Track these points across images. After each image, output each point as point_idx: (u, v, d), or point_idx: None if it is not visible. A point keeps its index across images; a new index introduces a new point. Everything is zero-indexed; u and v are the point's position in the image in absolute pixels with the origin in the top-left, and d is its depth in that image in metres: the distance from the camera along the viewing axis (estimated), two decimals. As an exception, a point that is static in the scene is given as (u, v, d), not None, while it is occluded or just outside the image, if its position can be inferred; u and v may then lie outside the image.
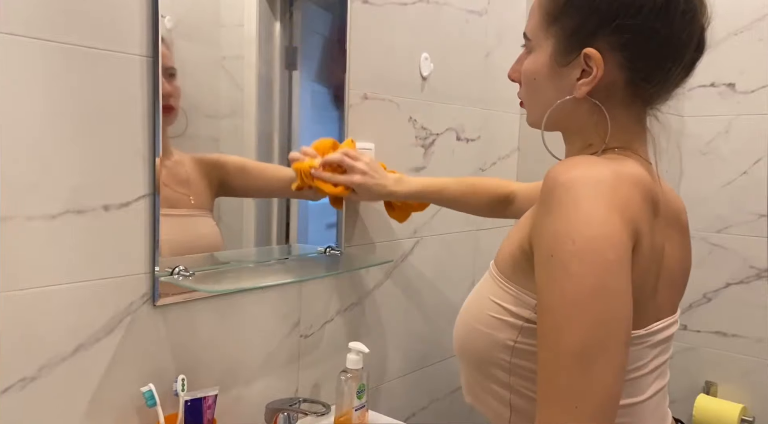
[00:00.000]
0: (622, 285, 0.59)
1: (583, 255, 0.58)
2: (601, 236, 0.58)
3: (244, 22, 1.11)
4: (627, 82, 0.70)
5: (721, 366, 1.87)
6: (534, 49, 0.75)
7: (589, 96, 0.70)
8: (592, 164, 0.64)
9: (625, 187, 0.63)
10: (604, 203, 0.60)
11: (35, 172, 0.84)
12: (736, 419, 1.76)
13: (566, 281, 0.59)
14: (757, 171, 1.78)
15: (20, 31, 0.81)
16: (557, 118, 0.75)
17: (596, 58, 0.68)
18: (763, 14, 1.74)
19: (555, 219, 0.61)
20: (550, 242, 0.61)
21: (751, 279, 1.82)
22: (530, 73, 0.76)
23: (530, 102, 0.78)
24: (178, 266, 1.00)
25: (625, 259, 0.59)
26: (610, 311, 0.58)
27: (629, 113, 0.72)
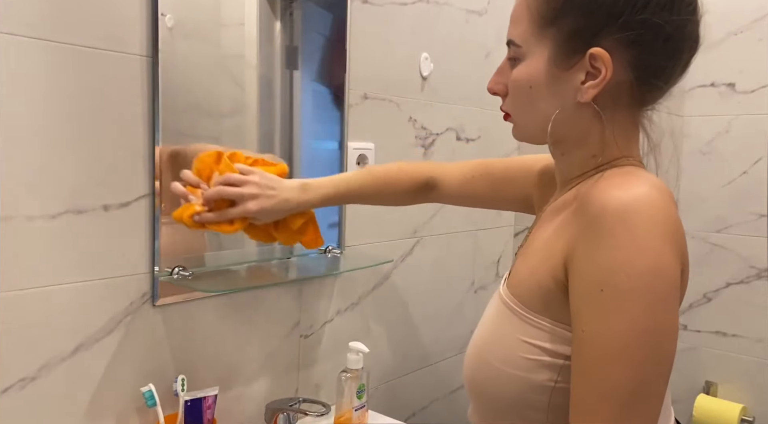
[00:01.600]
0: (673, 321, 0.58)
1: (638, 292, 0.57)
2: (656, 271, 0.57)
3: (245, 22, 1.11)
4: (634, 82, 0.66)
5: (721, 366, 1.87)
6: (525, 56, 0.70)
7: (593, 100, 0.66)
8: (638, 185, 0.61)
9: (672, 207, 0.60)
10: (658, 233, 0.58)
11: (35, 172, 0.84)
12: (736, 419, 1.76)
13: (619, 318, 0.57)
14: (757, 171, 1.78)
15: (20, 31, 0.81)
16: (559, 129, 0.70)
17: (604, 58, 0.64)
18: (763, 14, 1.74)
19: (607, 251, 0.58)
20: (602, 275, 0.58)
21: (751, 279, 1.82)
22: (524, 82, 0.70)
23: (523, 113, 0.73)
24: (178, 265, 1.00)
25: (676, 291, 0.59)
26: (662, 350, 0.58)
27: (630, 115, 0.69)
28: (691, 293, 1.91)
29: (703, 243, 1.88)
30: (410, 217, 1.49)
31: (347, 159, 1.30)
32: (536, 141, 0.74)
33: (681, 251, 0.60)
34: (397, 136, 1.43)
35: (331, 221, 1.31)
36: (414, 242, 1.51)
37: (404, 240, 1.49)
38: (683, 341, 1.93)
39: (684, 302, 2.12)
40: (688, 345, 1.92)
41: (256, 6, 1.12)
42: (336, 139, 1.29)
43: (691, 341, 1.92)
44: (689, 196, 1.90)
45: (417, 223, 1.52)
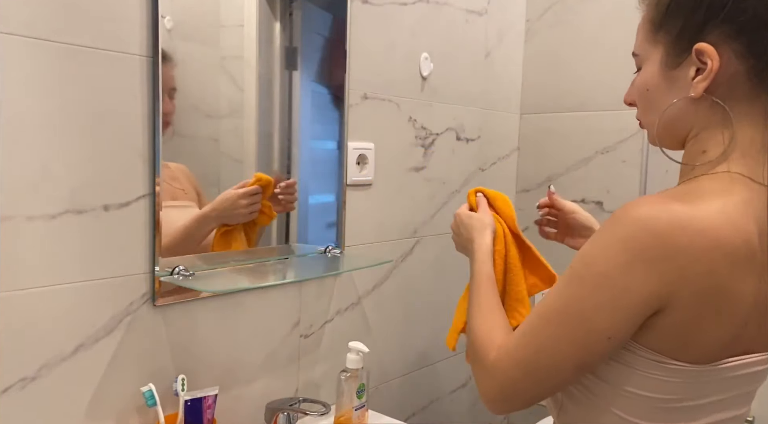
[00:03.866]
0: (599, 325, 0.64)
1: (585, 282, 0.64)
2: (607, 276, 0.62)
3: (244, 23, 1.11)
4: (750, 71, 0.65)
5: (721, 366, 1.87)
6: (643, 63, 0.72)
7: (706, 93, 0.66)
8: (660, 206, 0.62)
9: (683, 237, 0.60)
10: (635, 252, 0.61)
11: (35, 172, 0.84)
12: (736, 419, 1.76)
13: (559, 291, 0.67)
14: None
15: (20, 31, 0.81)
16: (673, 125, 0.71)
17: (709, 51, 0.64)
18: None
19: (592, 242, 0.65)
20: (576, 258, 0.66)
21: (751, 279, 1.81)
22: (642, 86, 0.73)
23: (646, 116, 0.74)
24: (178, 265, 1.00)
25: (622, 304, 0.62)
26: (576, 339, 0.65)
27: (752, 117, 0.67)
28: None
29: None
30: (410, 217, 1.49)
31: (347, 159, 1.31)
32: (666, 144, 0.74)
33: (663, 281, 0.61)
34: (397, 136, 1.43)
35: (330, 221, 1.31)
36: (414, 242, 1.51)
37: (404, 240, 1.49)
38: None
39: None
40: (688, 345, 1.92)
41: (256, 7, 1.12)
42: (336, 139, 1.29)
43: (691, 341, 1.92)
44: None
45: (417, 223, 1.52)
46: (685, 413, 0.67)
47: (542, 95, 1.81)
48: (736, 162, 0.67)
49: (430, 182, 1.54)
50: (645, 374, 0.66)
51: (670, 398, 0.66)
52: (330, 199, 1.31)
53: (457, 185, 1.63)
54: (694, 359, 0.65)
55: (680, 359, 0.64)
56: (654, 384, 0.66)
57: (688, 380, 0.65)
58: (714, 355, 0.66)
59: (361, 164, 1.34)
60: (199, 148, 1.07)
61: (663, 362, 0.65)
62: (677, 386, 0.65)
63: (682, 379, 0.65)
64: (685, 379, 0.65)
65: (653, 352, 0.65)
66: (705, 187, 0.66)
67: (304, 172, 1.22)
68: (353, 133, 1.31)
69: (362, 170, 1.35)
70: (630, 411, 0.67)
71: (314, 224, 1.28)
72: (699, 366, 0.65)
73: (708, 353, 0.65)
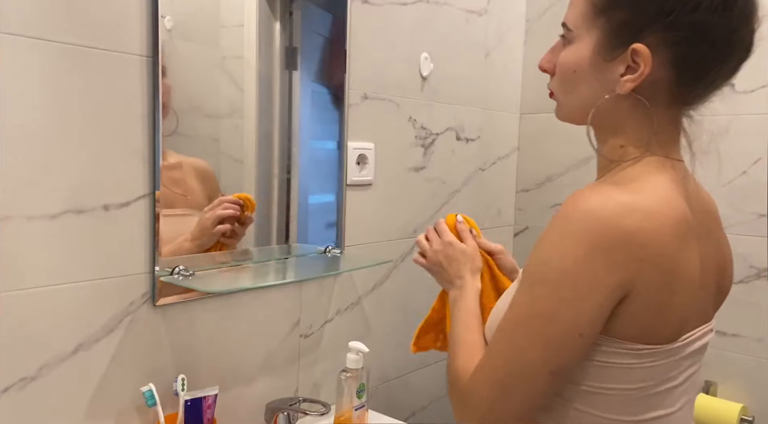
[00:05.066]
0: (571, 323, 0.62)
1: (546, 283, 0.63)
2: (567, 273, 0.62)
3: (244, 23, 1.11)
4: (673, 81, 0.67)
5: (721, 366, 1.87)
6: (574, 40, 0.71)
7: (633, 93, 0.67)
8: (603, 195, 0.63)
9: (631, 221, 0.61)
10: (588, 243, 0.61)
11: (35, 172, 0.84)
12: (736, 419, 1.76)
13: (523, 298, 0.66)
14: (757, 171, 1.78)
15: (20, 31, 0.81)
16: (595, 114, 0.72)
17: (645, 55, 0.65)
18: (762, 14, 1.74)
19: (542, 242, 0.65)
20: (530, 261, 0.66)
21: (751, 279, 1.82)
22: (569, 66, 0.72)
23: (565, 95, 0.75)
24: (178, 265, 1.00)
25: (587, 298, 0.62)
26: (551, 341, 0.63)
27: (668, 114, 0.70)
28: (690, 292, 1.91)
29: (703, 243, 1.88)
30: (410, 217, 1.50)
31: (347, 159, 1.31)
32: (575, 122, 0.76)
33: (633, 263, 0.61)
34: (397, 136, 1.43)
35: (330, 220, 1.31)
36: (414, 242, 1.51)
37: (404, 240, 1.49)
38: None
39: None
40: (688, 345, 1.92)
41: (256, 7, 1.12)
42: (335, 139, 1.29)
43: (690, 341, 1.92)
44: (689, 196, 1.90)
45: (417, 223, 1.52)
46: (661, 398, 0.68)
47: (542, 95, 1.79)
48: (656, 147, 0.70)
49: (430, 182, 1.54)
50: (619, 365, 0.65)
51: (647, 385, 0.66)
52: (330, 199, 1.31)
53: (457, 185, 1.63)
54: (662, 339, 0.66)
55: (650, 341, 0.65)
56: (630, 374, 0.66)
57: (661, 362, 0.66)
58: (677, 332, 0.67)
59: (361, 164, 1.34)
60: (199, 148, 1.07)
61: (635, 349, 0.65)
62: (651, 371, 0.66)
63: (654, 361, 0.66)
64: (658, 360, 0.66)
65: (623, 341, 0.65)
66: (635, 173, 0.68)
67: (304, 172, 1.22)
68: (353, 133, 1.31)
69: (362, 170, 1.35)
70: (609, 408, 0.67)
71: (314, 224, 1.28)
72: (667, 345, 0.66)
73: (673, 331, 0.66)
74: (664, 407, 0.68)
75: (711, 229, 0.75)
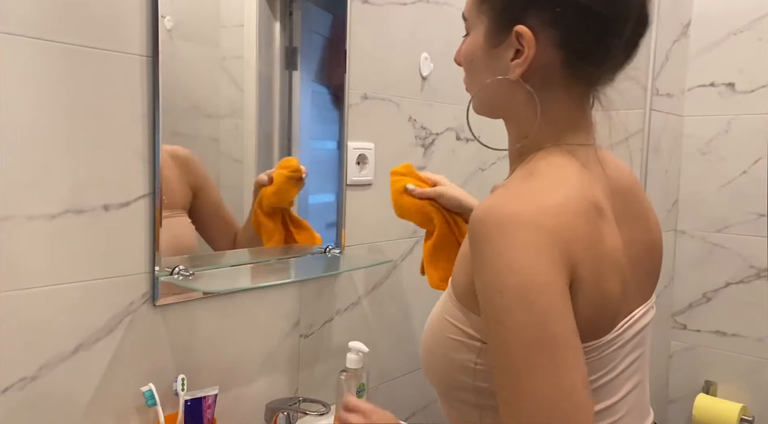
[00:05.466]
0: (559, 329, 0.57)
1: (515, 308, 0.57)
2: (528, 286, 0.57)
3: (244, 23, 1.11)
4: (564, 61, 0.65)
5: (720, 366, 1.87)
6: (470, 29, 0.71)
7: (523, 79, 0.65)
8: (511, 200, 0.61)
9: (551, 218, 0.58)
10: (525, 247, 0.57)
11: (35, 172, 0.84)
12: (736, 419, 1.76)
13: (505, 334, 0.58)
14: (757, 171, 1.78)
15: (20, 31, 0.81)
16: (495, 103, 0.72)
17: (527, 37, 0.63)
18: (762, 14, 1.74)
19: (482, 271, 0.60)
20: (484, 292, 0.60)
21: (751, 279, 1.82)
22: (467, 56, 0.72)
23: (469, 85, 0.74)
24: (178, 265, 1.00)
25: (557, 300, 0.57)
26: (556, 360, 0.57)
27: (570, 96, 0.68)
28: (691, 292, 1.91)
29: (703, 243, 1.88)
30: (410, 217, 1.49)
31: (347, 159, 1.31)
32: (485, 114, 0.76)
33: (568, 257, 0.58)
34: (397, 136, 1.43)
35: (330, 220, 1.31)
36: (414, 241, 1.51)
37: (404, 240, 1.49)
38: (683, 341, 1.93)
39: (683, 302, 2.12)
40: (688, 345, 1.92)
41: (256, 7, 1.12)
42: (336, 139, 1.29)
43: (690, 341, 1.92)
44: (689, 196, 1.90)
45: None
46: (602, 391, 0.66)
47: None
48: (558, 139, 0.68)
49: (430, 182, 1.54)
50: None
51: (591, 380, 0.63)
52: (330, 199, 1.31)
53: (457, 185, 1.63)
54: (599, 332, 0.64)
55: (589, 338, 0.62)
56: None
57: (601, 355, 0.64)
58: (611, 322, 0.65)
59: (361, 164, 1.34)
60: (199, 148, 1.07)
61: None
62: (591, 367, 0.63)
63: (593, 357, 0.63)
64: (595, 357, 0.64)
65: None
66: (540, 167, 0.66)
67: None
68: (353, 133, 1.31)
69: (362, 170, 1.35)
70: None
71: (314, 224, 1.28)
72: (603, 338, 0.64)
73: (607, 322, 0.64)
74: (605, 399, 0.66)
75: (633, 209, 0.72)
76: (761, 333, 1.79)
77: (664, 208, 1.83)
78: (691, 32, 1.83)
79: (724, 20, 1.79)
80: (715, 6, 1.80)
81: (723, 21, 1.79)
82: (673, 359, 1.94)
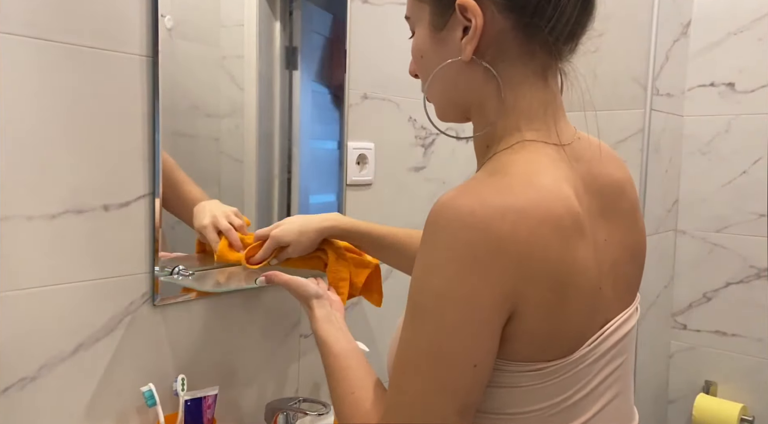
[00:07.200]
0: (459, 350, 0.55)
1: (425, 310, 0.56)
2: (443, 295, 0.55)
3: (244, 22, 1.11)
4: (515, 26, 0.60)
5: (720, 366, 1.87)
6: (414, 27, 0.68)
7: (478, 56, 0.61)
8: (469, 196, 0.56)
9: (508, 223, 0.53)
10: (462, 252, 0.54)
11: (35, 172, 0.84)
12: (736, 419, 1.76)
13: (409, 331, 0.58)
14: (757, 171, 1.78)
15: (20, 31, 0.81)
16: (456, 97, 0.67)
17: (470, 6, 0.59)
18: (762, 14, 1.74)
19: (418, 260, 0.57)
20: (411, 283, 0.58)
21: (751, 279, 1.82)
22: (417, 53, 0.67)
23: (427, 89, 0.70)
24: (178, 265, 1.00)
25: (474, 318, 0.54)
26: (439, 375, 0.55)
27: (534, 71, 0.62)
28: (691, 292, 1.91)
29: (703, 243, 1.88)
30: (410, 217, 1.49)
31: (347, 159, 1.30)
32: (451, 118, 0.71)
33: (515, 273, 0.54)
34: (397, 135, 1.43)
35: (331, 220, 1.31)
36: (414, 241, 1.51)
37: (404, 240, 1.49)
38: (683, 341, 1.93)
39: (683, 302, 2.12)
40: (688, 345, 1.92)
41: (256, 6, 1.12)
42: (336, 139, 1.29)
43: (690, 341, 1.92)
44: (689, 196, 1.90)
45: (417, 223, 1.52)
46: (576, 408, 0.61)
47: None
48: (526, 129, 0.63)
49: (430, 182, 1.54)
50: (524, 388, 0.59)
51: (559, 400, 0.60)
52: (330, 199, 1.31)
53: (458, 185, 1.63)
54: (565, 350, 0.59)
55: (553, 357, 0.58)
56: (537, 395, 0.59)
57: (567, 374, 0.60)
58: (581, 337, 0.60)
59: (361, 164, 1.34)
60: (199, 148, 1.07)
61: (535, 369, 0.58)
62: (560, 386, 0.60)
63: (559, 376, 0.59)
64: (563, 374, 0.59)
65: (522, 362, 0.58)
66: (506, 164, 0.61)
67: (304, 172, 1.22)
68: (353, 133, 1.31)
69: (362, 170, 1.35)
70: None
71: (314, 224, 1.27)
72: (571, 356, 0.59)
73: (575, 338, 0.60)
74: (580, 415, 0.62)
75: (615, 207, 0.67)
76: (761, 333, 1.79)
77: (664, 208, 1.83)
78: (691, 32, 1.83)
79: (724, 20, 1.79)
80: (715, 6, 1.80)
81: (723, 21, 1.79)
82: (673, 359, 1.94)
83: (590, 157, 0.66)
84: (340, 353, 0.75)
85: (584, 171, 0.64)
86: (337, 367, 0.74)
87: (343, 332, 0.81)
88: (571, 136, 0.66)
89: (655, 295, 1.79)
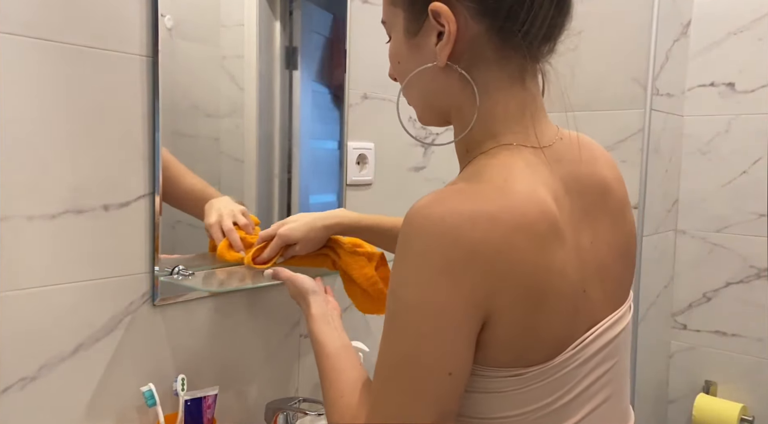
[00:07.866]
0: (432, 360, 0.55)
1: (401, 318, 0.56)
2: (418, 304, 0.54)
3: (245, 22, 1.11)
4: (489, 30, 0.60)
5: (720, 366, 1.87)
6: (390, 32, 0.68)
7: (454, 62, 0.61)
8: (443, 202, 0.56)
9: (481, 231, 0.53)
10: (434, 260, 0.53)
11: (35, 172, 0.84)
12: (736, 419, 1.76)
13: (385, 337, 0.58)
14: (757, 171, 1.78)
15: (20, 31, 0.81)
16: (434, 102, 0.67)
17: (443, 12, 0.59)
18: (762, 14, 1.74)
19: (393, 268, 0.57)
20: (389, 288, 0.58)
21: (751, 279, 1.82)
22: (394, 59, 0.68)
23: (406, 93, 0.70)
24: (178, 265, 1.00)
25: (447, 327, 0.54)
26: (418, 384, 0.55)
27: (510, 75, 0.62)
28: (691, 292, 1.91)
29: (703, 243, 1.88)
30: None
31: (347, 159, 1.31)
32: (431, 122, 0.71)
33: (487, 280, 0.53)
34: (397, 135, 1.43)
35: (331, 220, 1.31)
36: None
37: (404, 240, 1.49)
38: (683, 341, 1.93)
39: (683, 302, 2.12)
40: (688, 345, 1.92)
41: (256, 6, 1.12)
42: (336, 139, 1.29)
43: (690, 341, 1.92)
44: (689, 196, 1.90)
45: (417, 223, 1.52)
46: (563, 412, 0.61)
47: (542, 95, 1.80)
48: (504, 133, 0.63)
49: (430, 182, 1.54)
50: (505, 393, 0.59)
51: (543, 404, 0.59)
52: (330, 199, 1.31)
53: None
54: (546, 355, 0.58)
55: (533, 363, 0.58)
56: (520, 399, 0.59)
57: (551, 379, 0.59)
58: (563, 341, 0.59)
59: (361, 164, 1.34)
60: (199, 148, 1.07)
61: (516, 374, 0.58)
62: (543, 390, 0.59)
63: (544, 380, 0.59)
64: (547, 379, 0.59)
65: (501, 368, 0.58)
66: (481, 169, 0.61)
67: (304, 172, 1.22)
68: (353, 132, 1.31)
69: (362, 170, 1.35)
70: None
71: (314, 224, 1.28)
72: (554, 359, 0.59)
73: (555, 343, 0.59)
74: (568, 419, 0.61)
75: (601, 207, 0.66)
76: (761, 333, 1.79)
77: (664, 208, 1.83)
78: (691, 32, 1.83)
79: (724, 20, 1.79)
80: (715, 6, 1.80)
81: (723, 21, 1.79)
82: (673, 359, 1.94)
83: (572, 158, 0.65)
84: (332, 353, 0.75)
85: (565, 172, 0.63)
86: (329, 368, 0.73)
87: (338, 332, 0.81)
88: (553, 137, 0.66)
89: (655, 295, 1.79)
